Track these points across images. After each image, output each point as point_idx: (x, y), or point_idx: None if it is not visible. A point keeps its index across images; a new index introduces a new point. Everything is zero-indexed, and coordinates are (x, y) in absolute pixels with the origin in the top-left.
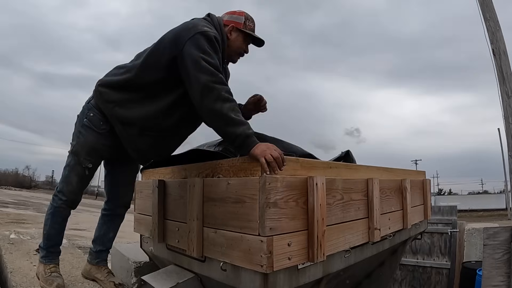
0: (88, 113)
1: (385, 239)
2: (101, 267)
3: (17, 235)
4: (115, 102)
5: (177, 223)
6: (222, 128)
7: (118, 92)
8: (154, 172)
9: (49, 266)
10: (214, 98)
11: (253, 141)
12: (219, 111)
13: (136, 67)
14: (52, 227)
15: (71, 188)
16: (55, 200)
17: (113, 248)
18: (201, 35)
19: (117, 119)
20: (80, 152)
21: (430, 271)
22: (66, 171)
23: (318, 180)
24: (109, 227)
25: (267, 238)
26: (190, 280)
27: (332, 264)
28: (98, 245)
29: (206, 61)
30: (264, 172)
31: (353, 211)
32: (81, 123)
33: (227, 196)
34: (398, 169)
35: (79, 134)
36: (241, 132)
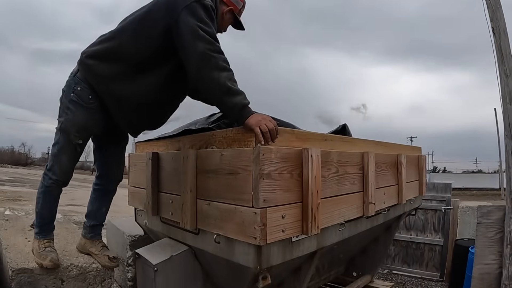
0: (75, 88)
1: (380, 214)
2: (95, 241)
3: (12, 212)
4: (107, 77)
5: (171, 196)
6: (219, 97)
7: (107, 64)
8: (148, 144)
9: (43, 242)
10: (212, 67)
11: (249, 111)
12: (216, 80)
13: (123, 34)
14: (44, 206)
15: (62, 166)
16: (45, 179)
17: (108, 222)
18: (198, 4)
19: (112, 95)
20: (70, 130)
21: (423, 247)
22: (56, 149)
23: (313, 152)
24: (102, 202)
25: (261, 210)
26: (184, 253)
27: (326, 238)
28: (92, 220)
29: (203, 29)
30: (259, 142)
31: (348, 184)
32: (68, 99)
33: (220, 168)
34: (394, 143)
35: (67, 110)
36: (238, 101)
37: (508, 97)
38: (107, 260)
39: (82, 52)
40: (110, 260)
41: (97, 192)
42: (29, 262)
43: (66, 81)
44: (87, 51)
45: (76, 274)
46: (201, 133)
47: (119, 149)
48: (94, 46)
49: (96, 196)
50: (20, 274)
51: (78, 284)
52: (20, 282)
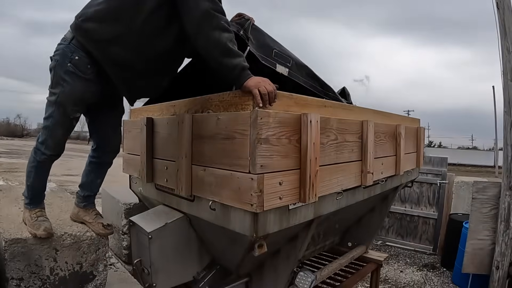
0: (72, 56)
1: (377, 184)
2: (88, 209)
3: (6, 182)
4: (108, 40)
5: (165, 162)
6: (219, 58)
7: (109, 25)
8: (142, 110)
9: (35, 211)
10: (214, 26)
11: (248, 73)
12: (217, 40)
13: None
14: (35, 179)
15: (56, 140)
16: (37, 154)
17: (102, 191)
18: None
19: (113, 59)
20: (66, 103)
21: (417, 220)
22: (50, 123)
23: (312, 118)
24: (97, 174)
25: (258, 176)
26: (179, 220)
27: (324, 206)
28: (86, 191)
29: None
30: (257, 104)
31: (346, 152)
32: (64, 69)
33: (217, 133)
34: (394, 114)
35: (62, 82)
36: (237, 63)
37: (510, 73)
38: (101, 228)
39: (77, 16)
40: (105, 228)
41: (93, 165)
42: (22, 232)
43: (57, 48)
44: (84, 14)
45: (70, 243)
46: (197, 97)
47: (115, 119)
48: (91, 7)
49: (91, 168)
50: (14, 245)
51: (72, 253)
52: (14, 253)
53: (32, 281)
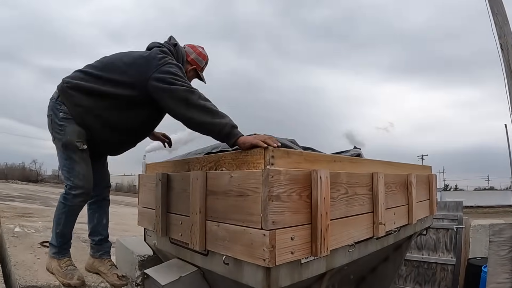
0: (61, 109)
1: (390, 234)
2: (104, 260)
3: (22, 228)
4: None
5: (180, 217)
6: (210, 120)
7: (87, 99)
8: (157, 165)
9: (64, 260)
10: (197, 98)
11: (238, 131)
12: (204, 107)
13: (107, 80)
14: (66, 226)
15: (81, 176)
16: (67, 200)
17: (117, 242)
18: (170, 65)
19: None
20: (72, 139)
21: (435, 267)
22: (68, 166)
23: (322, 173)
24: (101, 214)
25: (270, 232)
26: (193, 274)
27: (336, 259)
28: (96, 236)
29: (179, 78)
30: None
31: (357, 205)
32: (59, 118)
33: (229, 189)
34: (404, 163)
35: (60, 127)
36: (227, 122)
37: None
38: (116, 279)
39: (64, 80)
40: (119, 279)
41: (93, 206)
42: (37, 280)
43: (48, 106)
44: (70, 82)
45: None
46: (210, 155)
47: (103, 160)
48: (77, 79)
49: (93, 210)
50: None
51: None
52: None
53: None
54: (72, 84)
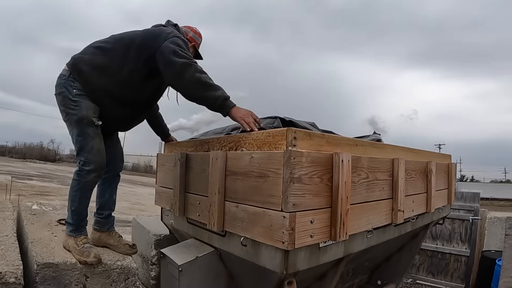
0: (74, 85)
1: (408, 222)
2: (112, 233)
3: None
4: (95, 84)
5: (198, 197)
6: (204, 93)
7: (97, 75)
8: (176, 145)
9: (80, 238)
10: (193, 71)
11: (231, 102)
12: (199, 80)
13: (116, 55)
14: (81, 203)
15: (95, 151)
16: (81, 176)
17: (133, 221)
18: (178, 38)
19: (98, 100)
20: (87, 114)
21: (449, 257)
22: (81, 141)
23: (344, 157)
24: (112, 189)
25: (290, 214)
26: (209, 254)
27: (354, 244)
28: (106, 210)
29: (181, 50)
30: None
31: (377, 191)
32: (72, 94)
33: (250, 170)
34: (424, 150)
35: (75, 103)
36: (220, 94)
37: None
38: (128, 248)
39: (74, 57)
40: (131, 248)
41: (106, 181)
42: (54, 257)
43: (58, 84)
44: (81, 58)
45: (101, 271)
46: (230, 135)
47: (115, 136)
48: (87, 54)
49: (105, 186)
50: (45, 269)
51: (102, 281)
52: (45, 276)
53: None
54: (84, 60)
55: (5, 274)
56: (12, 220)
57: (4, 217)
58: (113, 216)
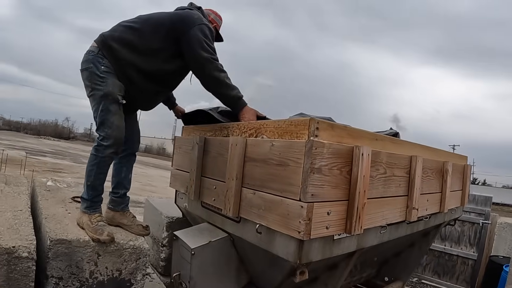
0: (103, 62)
1: (421, 220)
2: (126, 213)
3: (54, 183)
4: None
5: (214, 181)
6: (220, 90)
7: (128, 51)
8: (195, 128)
9: (95, 216)
10: (213, 69)
11: (243, 102)
12: (217, 78)
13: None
14: (97, 178)
15: (114, 127)
16: (99, 151)
17: (146, 202)
18: (205, 26)
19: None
20: (113, 91)
21: (456, 259)
22: (103, 116)
23: (364, 151)
24: (128, 168)
25: (308, 204)
26: (223, 239)
27: (367, 239)
28: (121, 189)
29: (207, 43)
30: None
31: (394, 187)
32: (100, 71)
33: (269, 158)
34: (442, 150)
35: (101, 80)
36: (234, 94)
37: None
38: (141, 229)
39: (104, 34)
40: (144, 229)
41: (122, 160)
42: (67, 234)
43: (85, 60)
44: (112, 35)
45: (113, 249)
46: (252, 122)
47: (134, 115)
48: (116, 32)
49: (121, 164)
50: (58, 245)
51: (113, 260)
52: (57, 252)
53: (71, 282)
54: (114, 37)
55: (18, 248)
56: (26, 195)
57: (19, 191)
58: (128, 196)
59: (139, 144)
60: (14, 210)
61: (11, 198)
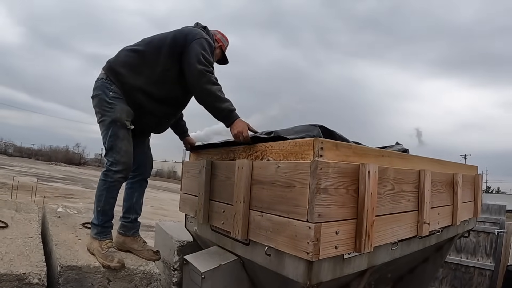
0: (111, 88)
1: (433, 234)
2: (137, 238)
3: (64, 209)
4: (132, 84)
5: (222, 205)
6: (212, 103)
7: (134, 74)
8: (202, 153)
9: (105, 242)
10: (206, 81)
11: (235, 115)
12: (209, 90)
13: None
14: (107, 203)
15: (123, 153)
16: (108, 176)
17: (157, 226)
18: (204, 40)
19: (133, 99)
20: (121, 117)
21: (473, 271)
22: (111, 142)
23: (370, 168)
24: (140, 193)
25: (315, 225)
26: (233, 262)
27: (378, 256)
28: (132, 214)
29: (203, 56)
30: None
31: (403, 202)
32: (109, 97)
33: (276, 180)
34: (451, 162)
35: (109, 106)
36: (226, 107)
37: None
38: (152, 254)
39: (110, 60)
40: (155, 254)
41: (134, 185)
42: (78, 260)
43: (95, 87)
44: (116, 60)
45: (123, 275)
46: (257, 144)
47: (146, 142)
48: (121, 57)
49: (133, 189)
50: (69, 271)
51: (124, 285)
52: (68, 278)
53: None
54: (119, 62)
55: (29, 275)
56: (37, 222)
57: (29, 218)
58: (139, 222)
59: (151, 170)
60: (25, 237)
61: (21, 225)
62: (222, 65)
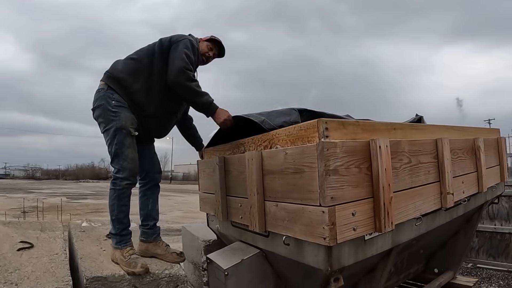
0: (113, 97)
1: (459, 205)
2: (158, 242)
3: (89, 223)
4: (131, 88)
5: (239, 199)
6: (191, 98)
7: (133, 79)
8: (214, 150)
9: (126, 250)
10: (185, 78)
11: (215, 105)
12: (189, 87)
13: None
14: (120, 210)
15: (128, 159)
16: (116, 184)
17: (183, 229)
18: (188, 40)
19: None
20: (126, 124)
21: (509, 237)
22: (117, 150)
23: (381, 143)
24: (154, 200)
25: (329, 209)
26: (255, 256)
27: (402, 234)
28: (150, 221)
29: (186, 54)
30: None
31: (422, 175)
32: (112, 105)
33: (285, 167)
34: (469, 127)
35: (114, 114)
36: (205, 100)
37: None
38: (176, 257)
39: (107, 71)
40: (179, 256)
41: (147, 192)
42: (102, 270)
43: (96, 98)
44: (113, 69)
45: (149, 280)
46: (264, 133)
47: (152, 147)
48: (119, 65)
49: (146, 196)
50: (94, 282)
51: None
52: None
53: None
54: (118, 69)
55: None
56: (61, 239)
57: (54, 236)
58: (158, 226)
59: (161, 175)
60: (50, 254)
61: (47, 243)
62: (220, 58)
